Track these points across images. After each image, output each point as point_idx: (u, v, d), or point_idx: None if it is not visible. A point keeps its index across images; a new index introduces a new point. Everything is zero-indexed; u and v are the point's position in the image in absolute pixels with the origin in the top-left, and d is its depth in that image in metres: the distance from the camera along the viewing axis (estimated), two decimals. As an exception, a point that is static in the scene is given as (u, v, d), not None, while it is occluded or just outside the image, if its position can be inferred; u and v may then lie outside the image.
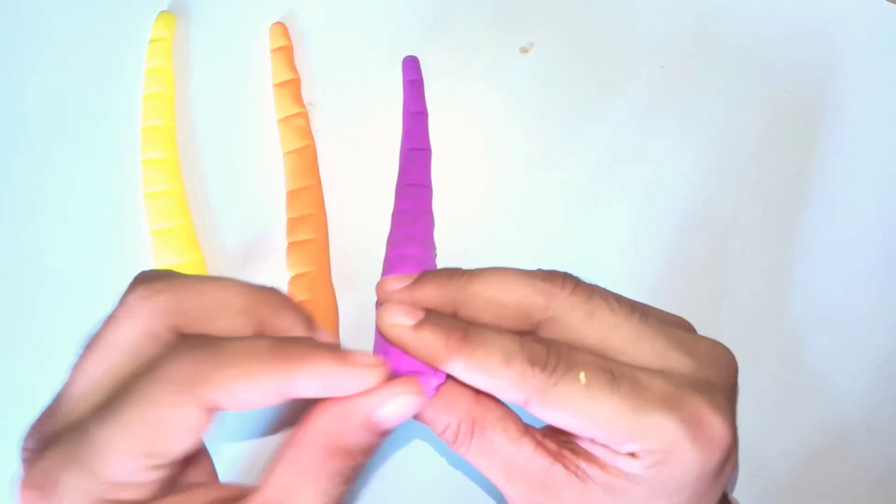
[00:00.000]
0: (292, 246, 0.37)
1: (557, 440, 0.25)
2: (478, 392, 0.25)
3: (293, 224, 0.37)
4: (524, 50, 0.41)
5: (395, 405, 0.22)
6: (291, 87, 0.39)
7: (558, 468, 0.24)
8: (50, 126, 0.40)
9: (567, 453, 0.24)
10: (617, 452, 0.23)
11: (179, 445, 0.21)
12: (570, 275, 0.25)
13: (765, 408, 0.36)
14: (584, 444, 0.24)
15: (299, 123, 0.39)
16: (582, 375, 0.23)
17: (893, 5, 0.42)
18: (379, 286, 0.26)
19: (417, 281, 0.25)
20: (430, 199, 0.37)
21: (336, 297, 0.37)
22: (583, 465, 0.24)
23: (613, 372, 0.23)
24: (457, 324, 0.24)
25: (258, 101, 0.40)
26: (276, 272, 0.37)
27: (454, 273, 0.25)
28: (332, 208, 0.38)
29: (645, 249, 0.38)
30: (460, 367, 0.23)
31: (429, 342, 0.23)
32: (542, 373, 0.23)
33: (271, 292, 0.24)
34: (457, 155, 0.39)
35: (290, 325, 0.24)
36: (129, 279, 0.37)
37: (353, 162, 0.39)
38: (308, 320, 0.24)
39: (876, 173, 0.40)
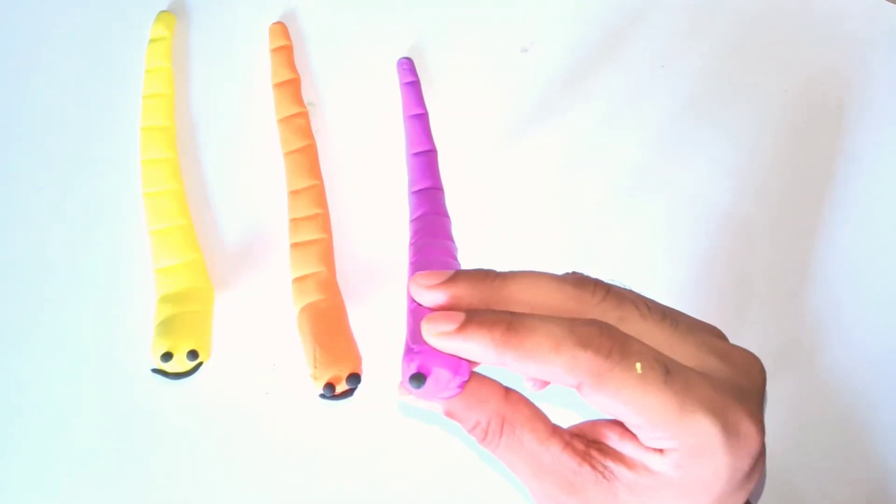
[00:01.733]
0: (297, 247, 0.36)
1: (585, 440, 0.25)
2: (507, 390, 0.26)
3: (297, 224, 0.37)
4: (524, 50, 0.41)
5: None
6: (291, 86, 0.39)
7: (585, 468, 0.24)
8: (50, 126, 0.40)
9: (594, 453, 0.25)
10: (648, 448, 0.24)
11: None
12: (601, 282, 0.25)
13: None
14: (614, 443, 0.25)
15: (300, 123, 0.38)
16: (638, 366, 0.23)
17: (893, 5, 0.42)
18: (412, 283, 0.25)
19: (452, 278, 0.25)
20: (443, 200, 0.37)
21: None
22: (610, 464, 0.24)
23: (668, 366, 0.23)
24: (499, 316, 0.24)
25: (258, 100, 0.40)
26: (278, 273, 0.37)
27: (488, 274, 0.25)
28: (332, 208, 0.38)
29: (645, 249, 0.38)
30: (511, 360, 0.23)
31: (476, 341, 0.23)
32: (595, 356, 0.22)
33: None
34: (457, 154, 0.39)
35: None
36: (129, 279, 0.37)
37: (353, 162, 0.39)
38: None
39: (876, 173, 0.40)
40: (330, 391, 0.32)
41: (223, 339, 0.36)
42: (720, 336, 0.27)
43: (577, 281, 0.25)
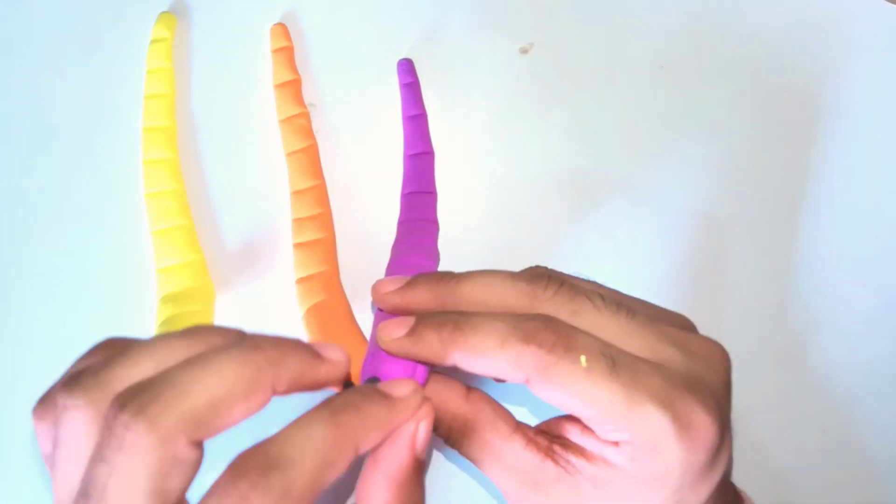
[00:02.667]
0: (301, 247, 0.36)
1: (548, 437, 0.25)
2: (469, 390, 0.26)
3: (300, 225, 0.37)
4: (524, 50, 0.41)
5: (424, 430, 0.24)
6: (292, 87, 0.39)
7: (548, 463, 0.24)
8: (51, 126, 0.40)
9: (557, 448, 0.25)
10: (604, 441, 0.24)
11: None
12: (555, 275, 0.25)
13: (768, 405, 0.36)
14: (574, 437, 0.25)
15: (301, 123, 0.39)
16: (583, 359, 0.23)
17: (893, 5, 0.42)
18: (373, 289, 0.27)
19: (409, 283, 0.26)
20: (434, 205, 0.38)
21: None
22: (572, 458, 0.24)
23: (615, 359, 0.23)
24: (447, 316, 0.24)
25: (259, 101, 0.40)
26: (278, 273, 0.37)
27: (444, 276, 0.26)
28: (333, 208, 0.38)
29: (645, 249, 0.38)
30: (459, 358, 0.24)
31: (425, 342, 0.24)
32: (538, 350, 0.23)
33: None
34: (457, 155, 0.39)
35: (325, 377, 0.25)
36: (130, 279, 0.37)
37: (353, 162, 0.39)
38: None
39: (876, 173, 0.40)
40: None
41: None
42: (685, 326, 0.27)
43: (531, 276, 0.25)
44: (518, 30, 0.41)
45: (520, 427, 0.26)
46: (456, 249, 0.37)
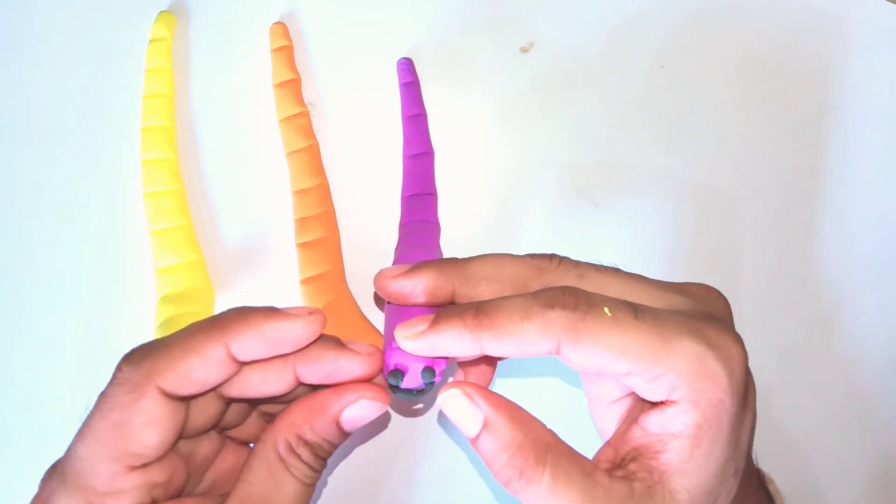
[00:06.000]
0: (305, 246, 0.36)
1: (615, 460, 0.24)
2: (544, 426, 0.24)
3: (304, 224, 0.37)
4: (524, 50, 0.41)
5: (359, 407, 0.24)
6: (292, 86, 0.39)
7: (636, 485, 0.23)
8: (50, 126, 0.40)
9: (632, 466, 0.23)
10: (659, 407, 0.23)
11: (149, 440, 0.22)
12: (553, 254, 0.26)
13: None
14: (635, 440, 0.24)
15: (302, 123, 0.38)
16: (607, 309, 0.23)
17: (893, 5, 0.42)
18: (377, 278, 0.26)
19: (415, 267, 0.26)
20: (435, 206, 0.37)
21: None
22: (651, 464, 0.23)
23: (635, 306, 0.23)
24: (465, 305, 0.24)
25: (258, 100, 0.40)
26: (278, 273, 0.37)
27: (450, 259, 0.26)
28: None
29: (645, 250, 0.38)
30: (488, 340, 0.23)
31: (450, 332, 0.23)
32: (564, 311, 0.22)
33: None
34: (457, 155, 0.39)
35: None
36: (129, 278, 0.37)
37: (353, 161, 0.39)
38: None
39: (876, 173, 0.40)
40: None
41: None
42: (679, 283, 0.27)
43: (534, 254, 0.26)
44: (518, 30, 0.41)
45: (591, 461, 0.24)
46: (456, 249, 0.37)
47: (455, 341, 0.23)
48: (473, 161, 0.39)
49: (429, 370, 0.25)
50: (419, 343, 0.24)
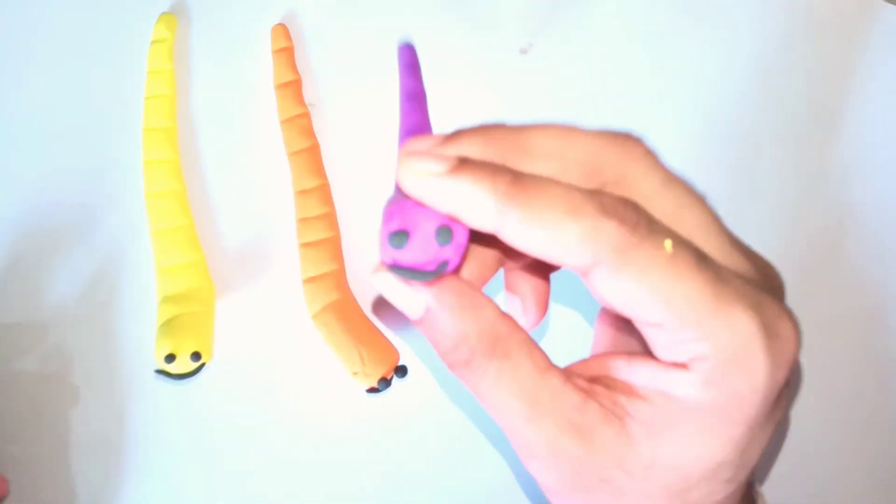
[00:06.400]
0: (308, 246, 0.36)
1: (585, 377, 0.21)
2: (501, 311, 0.21)
3: (306, 224, 0.37)
4: (524, 50, 0.41)
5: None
6: (293, 87, 0.39)
7: (592, 405, 0.20)
8: (52, 127, 0.40)
9: (600, 388, 0.20)
10: (668, 366, 0.19)
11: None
12: (639, 139, 0.21)
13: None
14: (622, 374, 0.21)
15: (303, 123, 0.39)
16: (668, 243, 0.18)
17: (893, 5, 0.42)
18: (402, 150, 0.20)
19: (452, 135, 0.20)
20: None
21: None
22: (621, 398, 0.20)
23: (701, 253, 0.19)
24: (503, 167, 0.19)
25: (259, 101, 0.40)
26: (280, 272, 0.37)
27: (499, 126, 0.20)
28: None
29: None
30: (514, 220, 0.18)
31: (470, 190, 0.18)
32: (620, 226, 0.18)
33: None
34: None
35: None
36: (131, 278, 0.38)
37: (354, 162, 0.39)
38: None
39: (875, 173, 0.40)
40: (385, 385, 0.34)
41: (224, 340, 0.36)
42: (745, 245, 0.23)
43: (613, 132, 0.20)
44: (518, 30, 0.41)
45: (553, 364, 0.20)
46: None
47: (474, 200, 0.18)
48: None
49: (444, 230, 0.19)
50: (428, 183, 0.18)
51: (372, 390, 0.34)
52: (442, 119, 0.39)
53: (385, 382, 0.34)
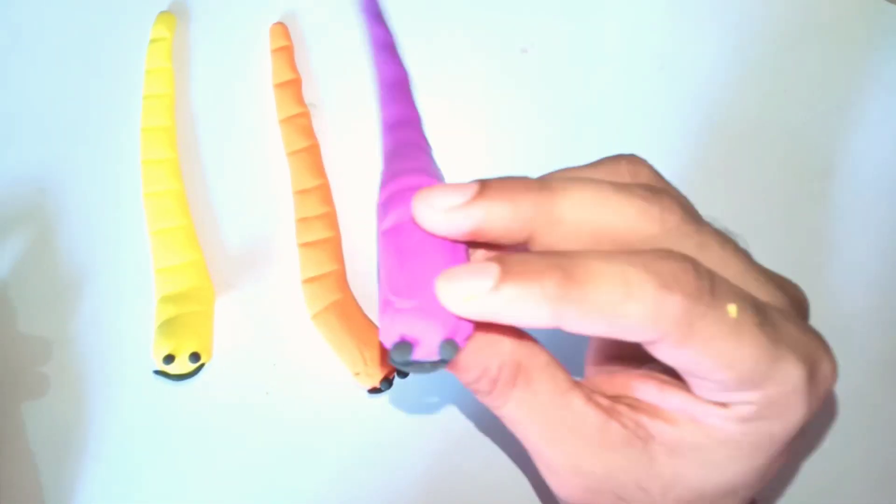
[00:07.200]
0: (307, 246, 0.36)
1: (608, 396, 0.21)
2: (521, 335, 0.20)
3: (306, 224, 0.37)
4: (524, 50, 0.41)
5: None
6: (293, 87, 0.39)
7: (614, 425, 0.19)
8: (50, 126, 0.40)
9: (623, 409, 0.20)
10: (706, 402, 0.19)
11: None
12: (668, 192, 0.20)
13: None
14: (649, 396, 0.20)
15: (302, 123, 0.39)
16: (733, 308, 0.18)
17: (893, 5, 0.42)
18: (419, 202, 0.18)
19: (480, 194, 0.19)
20: (421, 127, 0.29)
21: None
22: (644, 419, 0.20)
23: (758, 308, 0.18)
24: (548, 261, 0.17)
25: (258, 101, 0.40)
26: (279, 273, 0.37)
27: (524, 184, 0.19)
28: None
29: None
30: (573, 317, 0.17)
31: (520, 302, 0.17)
32: (685, 300, 0.17)
33: None
34: (456, 155, 0.39)
35: None
36: (130, 279, 0.37)
37: (354, 162, 0.39)
38: None
39: (875, 175, 0.40)
40: (388, 385, 0.34)
41: (224, 340, 0.36)
42: (774, 273, 0.23)
43: (647, 193, 0.19)
44: (518, 30, 0.41)
45: (577, 384, 0.20)
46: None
47: (527, 312, 0.17)
48: (473, 161, 0.39)
49: (450, 344, 0.18)
50: (476, 307, 0.17)
51: (374, 390, 0.34)
52: (442, 118, 0.39)
53: (387, 382, 0.34)
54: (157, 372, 0.34)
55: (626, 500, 0.20)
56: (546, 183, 0.18)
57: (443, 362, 0.18)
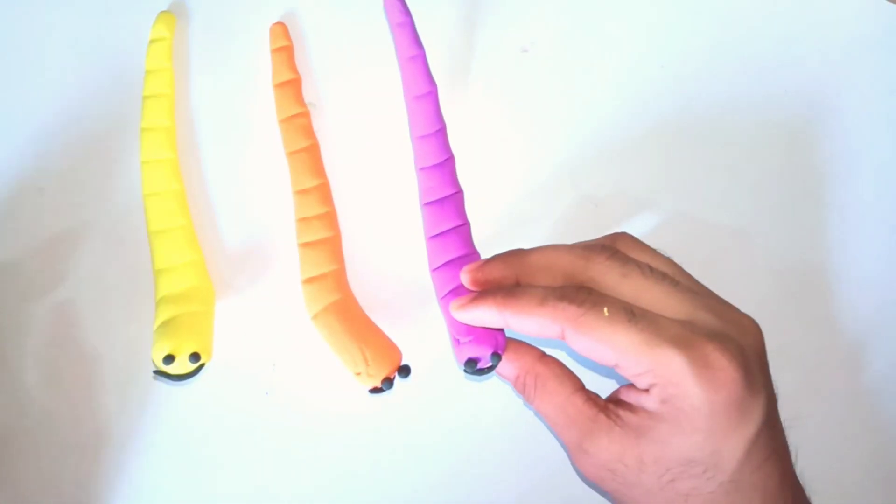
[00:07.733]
0: (307, 246, 0.36)
1: (606, 400, 0.30)
2: (543, 354, 0.31)
3: (306, 224, 0.37)
4: (524, 49, 0.41)
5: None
6: (292, 86, 0.39)
7: (601, 416, 0.29)
8: (50, 126, 0.40)
9: (610, 406, 0.29)
10: (640, 391, 0.28)
11: None
12: (609, 247, 0.29)
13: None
14: (624, 396, 0.29)
15: (302, 123, 0.38)
16: (605, 310, 0.27)
17: (893, 5, 0.42)
18: (462, 275, 0.32)
19: (486, 262, 0.31)
20: (453, 168, 0.36)
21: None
22: (620, 411, 0.28)
23: (634, 311, 0.27)
24: (500, 289, 0.30)
25: (258, 101, 0.40)
26: (279, 273, 0.37)
27: (515, 252, 0.31)
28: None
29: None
30: (511, 318, 0.29)
31: (483, 307, 0.30)
32: (570, 305, 0.27)
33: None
34: (456, 155, 0.39)
35: None
36: (130, 279, 0.37)
37: (354, 162, 0.39)
38: None
39: (875, 174, 0.40)
40: (389, 385, 0.34)
41: (223, 340, 0.36)
42: (726, 303, 0.30)
43: (590, 245, 0.30)
44: (518, 29, 0.41)
45: (582, 388, 0.30)
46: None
47: (487, 315, 0.30)
48: (472, 161, 0.39)
49: (496, 355, 0.31)
50: (463, 314, 0.30)
51: (375, 390, 0.34)
52: (443, 118, 0.39)
53: (388, 382, 0.34)
54: (157, 372, 0.34)
55: (615, 472, 0.28)
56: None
57: (492, 367, 0.31)
